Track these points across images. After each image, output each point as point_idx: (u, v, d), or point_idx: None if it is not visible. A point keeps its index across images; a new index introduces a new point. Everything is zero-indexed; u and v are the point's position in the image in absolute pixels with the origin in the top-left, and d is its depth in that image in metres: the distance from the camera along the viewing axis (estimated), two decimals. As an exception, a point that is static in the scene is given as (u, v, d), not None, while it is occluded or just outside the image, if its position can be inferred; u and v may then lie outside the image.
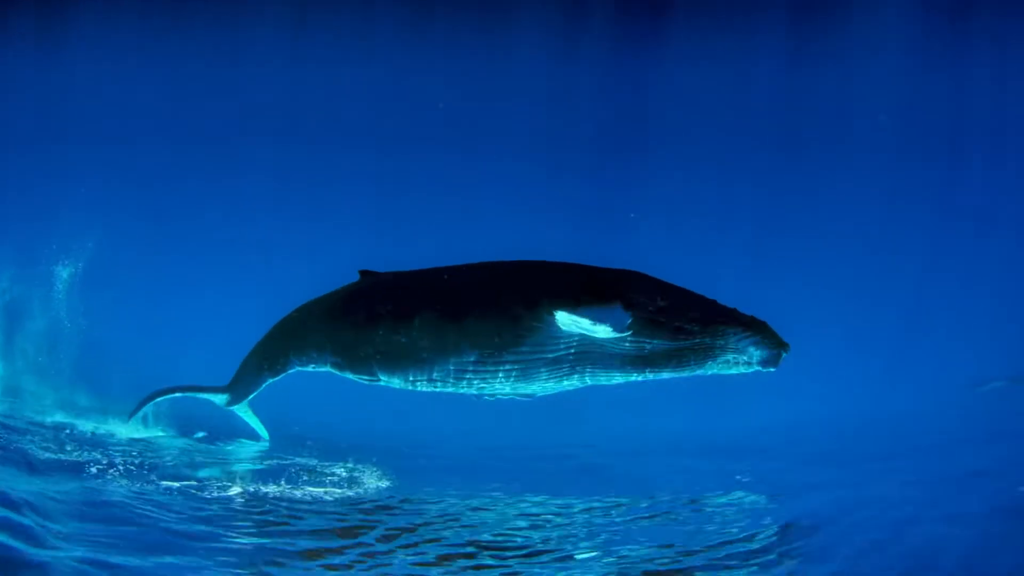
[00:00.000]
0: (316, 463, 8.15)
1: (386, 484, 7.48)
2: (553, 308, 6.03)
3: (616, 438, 11.45)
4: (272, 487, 6.91)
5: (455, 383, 6.45)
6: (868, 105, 17.86)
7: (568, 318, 5.94)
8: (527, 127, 18.27)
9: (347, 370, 6.79)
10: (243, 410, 7.97)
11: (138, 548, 4.82)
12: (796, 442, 10.74)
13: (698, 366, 6.13)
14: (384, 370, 6.56)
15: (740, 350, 6.03)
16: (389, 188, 18.43)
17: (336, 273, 7.29)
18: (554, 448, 10.50)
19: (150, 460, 7.46)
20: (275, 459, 8.28)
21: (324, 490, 7.05)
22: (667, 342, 6.04)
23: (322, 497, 6.76)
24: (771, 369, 6.07)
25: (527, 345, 6.11)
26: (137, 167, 17.94)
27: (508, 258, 6.58)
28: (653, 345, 6.05)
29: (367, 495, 6.97)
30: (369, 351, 6.55)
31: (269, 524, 5.76)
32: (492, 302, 6.20)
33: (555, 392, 6.62)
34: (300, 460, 8.26)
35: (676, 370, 6.15)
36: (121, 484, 6.39)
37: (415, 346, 6.36)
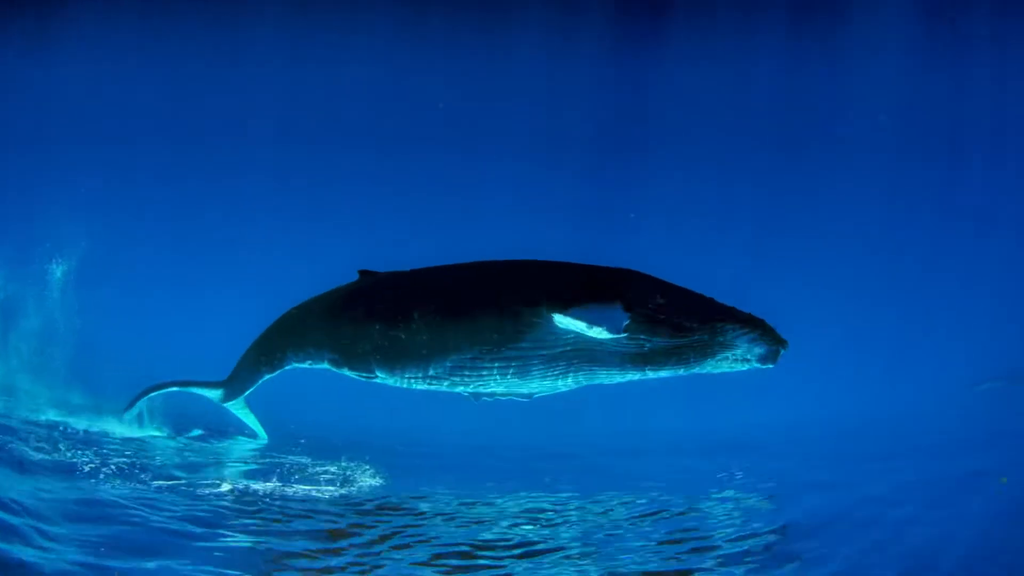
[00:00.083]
0: (310, 462, 8.09)
1: (380, 483, 7.44)
2: (551, 308, 6.00)
3: (615, 437, 11.43)
4: (267, 486, 6.86)
5: (453, 380, 6.42)
6: (867, 105, 17.86)
7: (565, 319, 5.92)
8: (527, 127, 18.26)
9: (344, 367, 6.76)
10: (238, 407, 7.92)
11: (131, 549, 4.77)
12: (795, 442, 10.74)
13: (697, 363, 6.13)
14: (382, 367, 6.53)
15: (739, 347, 6.05)
16: (389, 188, 18.40)
17: (335, 273, 7.27)
18: (552, 447, 10.48)
19: (144, 459, 7.41)
20: (270, 458, 8.23)
21: (318, 489, 7.00)
22: (666, 339, 6.05)
23: (317, 496, 6.71)
24: (769, 366, 6.09)
25: (526, 341, 6.09)
26: (132, 166, 17.89)
27: (508, 258, 6.56)
28: (653, 343, 6.05)
29: (361, 494, 6.93)
30: (367, 347, 6.53)
31: (264, 524, 5.71)
32: (491, 298, 6.18)
33: (553, 393, 6.60)
34: (294, 459, 8.21)
35: (676, 368, 6.16)
36: (115, 484, 6.34)
37: (413, 342, 6.33)
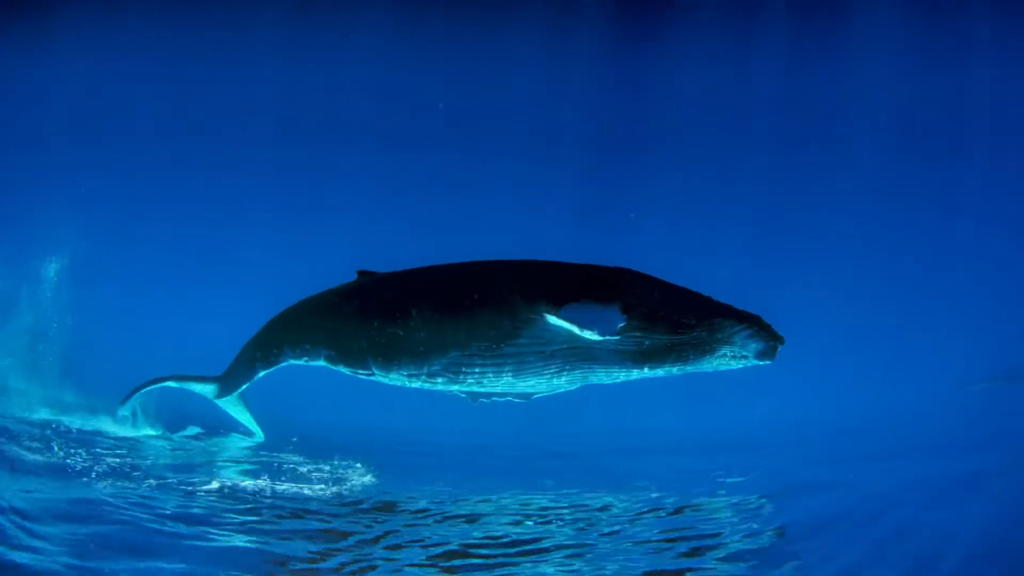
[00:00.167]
0: (305, 461, 8.04)
1: (375, 482, 7.39)
2: (549, 305, 5.99)
3: (613, 436, 11.41)
4: (260, 485, 6.80)
5: (451, 378, 6.40)
6: (867, 105, 17.86)
7: (560, 321, 5.91)
8: (527, 127, 18.23)
9: (341, 363, 6.75)
10: (233, 403, 7.89)
11: (124, 549, 4.72)
12: (794, 441, 10.74)
13: (696, 361, 6.16)
14: (379, 364, 6.52)
15: (737, 343, 6.09)
16: (388, 188, 18.37)
17: (333, 273, 7.26)
18: (550, 446, 10.46)
19: (137, 459, 7.35)
20: (264, 457, 8.19)
21: (310, 487, 6.94)
22: (665, 336, 6.06)
23: (311, 496, 6.66)
24: (767, 362, 6.13)
25: (523, 338, 6.09)
26: (126, 165, 17.82)
27: (507, 258, 6.55)
28: (652, 340, 6.06)
29: (355, 493, 6.87)
30: (363, 344, 6.52)
31: (257, 524, 5.66)
32: (489, 295, 6.17)
33: (552, 393, 6.59)
34: (289, 458, 8.16)
35: (675, 365, 6.18)
36: (107, 483, 6.28)
37: (411, 339, 6.32)
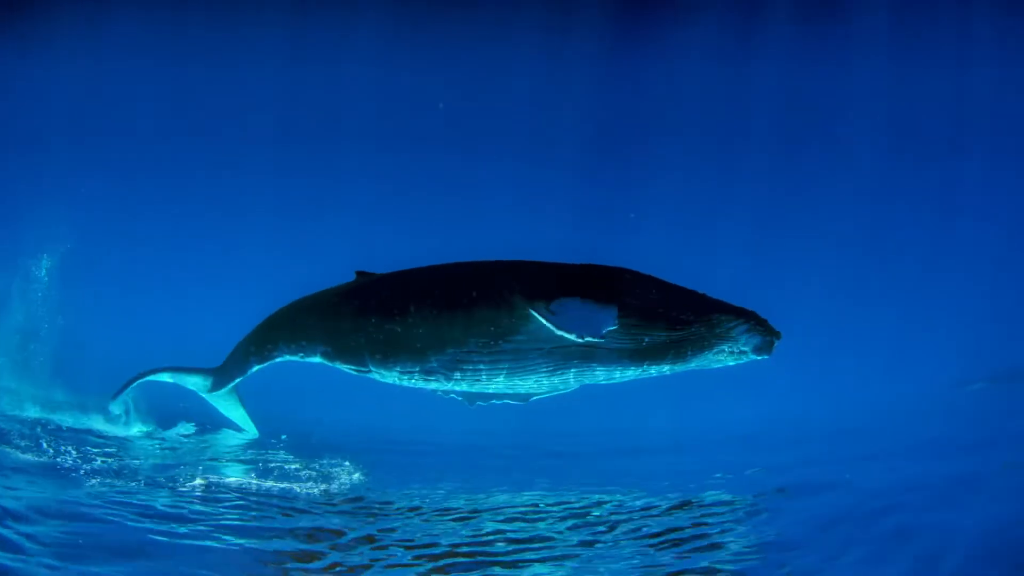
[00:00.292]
0: (295, 460, 7.98)
1: (367, 481, 7.33)
2: (547, 302, 5.99)
3: (611, 435, 11.38)
4: (251, 484, 6.74)
5: (448, 376, 6.37)
6: (865, 105, 17.90)
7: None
8: (526, 126, 18.22)
9: (337, 360, 6.73)
10: (226, 399, 7.91)
11: (113, 551, 4.65)
12: (793, 441, 10.71)
13: (695, 357, 6.21)
14: (376, 360, 6.50)
15: (734, 338, 6.15)
16: (388, 188, 18.35)
17: (331, 274, 7.27)
18: (547, 445, 10.42)
19: (128, 458, 7.28)
20: (256, 455, 8.13)
21: (301, 487, 6.88)
22: (664, 333, 6.10)
23: (301, 494, 6.59)
24: (765, 357, 6.20)
25: (522, 335, 6.07)
26: (120, 164, 17.74)
27: (507, 258, 6.56)
28: (651, 337, 6.09)
29: (346, 492, 6.82)
30: (361, 340, 6.51)
31: (248, 523, 5.60)
32: (489, 291, 6.14)
33: (550, 395, 6.58)
34: (279, 456, 8.10)
35: (674, 363, 6.23)
36: (97, 482, 6.21)
37: (409, 335, 6.31)
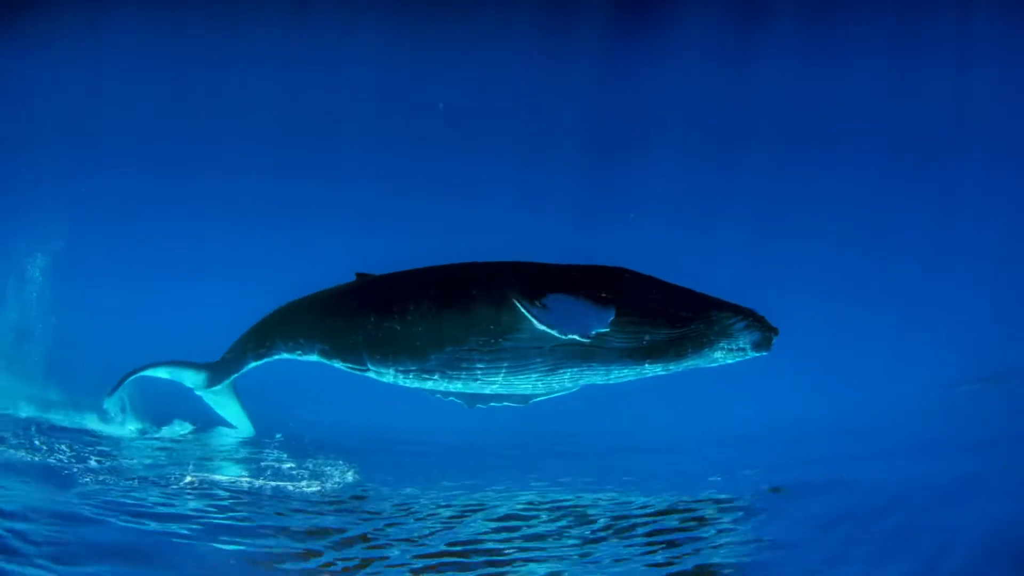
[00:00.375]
0: (290, 459, 7.93)
1: (362, 481, 7.27)
2: (535, 303, 6.00)
3: (608, 435, 11.36)
4: (245, 484, 6.69)
5: (448, 374, 6.35)
6: (863, 105, 17.92)
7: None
8: (526, 126, 18.21)
9: (335, 358, 6.76)
10: (221, 396, 7.96)
11: (106, 552, 4.60)
12: (791, 441, 10.73)
13: (695, 355, 6.25)
14: (374, 359, 6.49)
15: (733, 335, 6.20)
16: (388, 188, 18.33)
17: (330, 275, 7.30)
18: (543, 444, 10.40)
19: (121, 457, 7.23)
20: (249, 455, 8.09)
21: (295, 485, 6.82)
22: (664, 331, 6.14)
23: (295, 494, 6.54)
24: (764, 353, 6.27)
25: (522, 332, 6.06)
26: (116, 163, 17.67)
27: (506, 258, 6.60)
28: (652, 335, 6.12)
29: (340, 492, 6.77)
30: (360, 338, 6.52)
31: (242, 523, 5.56)
32: (490, 290, 6.12)
33: (549, 396, 6.58)
34: (273, 455, 8.05)
35: (674, 361, 6.27)
36: (91, 480, 6.16)
37: (408, 333, 6.31)
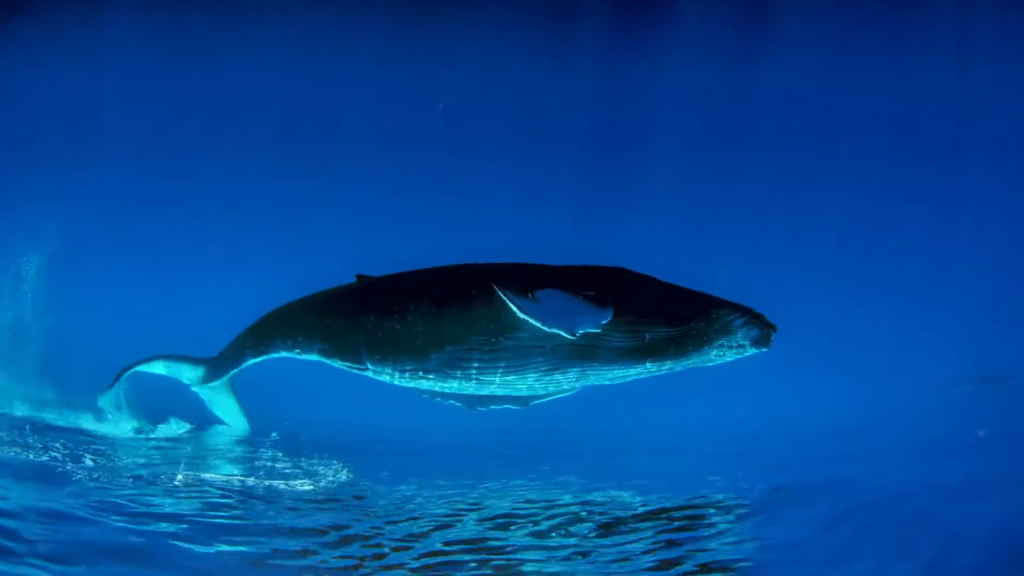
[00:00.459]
0: (284, 458, 7.91)
1: (361, 481, 7.25)
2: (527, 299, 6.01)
3: (606, 435, 11.35)
4: (240, 483, 6.66)
5: (448, 374, 6.34)
6: (865, 105, 17.93)
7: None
8: (526, 126, 18.20)
9: (334, 357, 6.79)
10: (218, 393, 7.95)
11: (102, 552, 4.57)
12: (790, 441, 10.72)
13: (696, 353, 6.27)
14: (374, 358, 6.50)
15: (733, 332, 6.23)
16: (388, 188, 18.32)
17: (328, 276, 7.28)
18: (540, 443, 10.37)
19: (116, 457, 7.19)
20: (243, 454, 8.08)
21: (288, 484, 6.79)
22: (664, 329, 6.16)
23: (290, 493, 6.51)
24: (763, 349, 6.30)
25: (523, 331, 6.05)
26: (113, 162, 17.64)
27: (506, 258, 6.62)
28: (653, 333, 6.14)
29: (334, 491, 6.74)
30: (359, 337, 6.55)
31: (236, 521, 5.53)
32: (490, 289, 6.11)
33: (549, 397, 6.58)
34: (268, 454, 8.02)
35: (675, 359, 6.28)
36: (85, 477, 6.12)
37: (409, 332, 6.32)
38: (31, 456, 6.77)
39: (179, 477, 6.52)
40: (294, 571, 4.72)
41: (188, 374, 7.92)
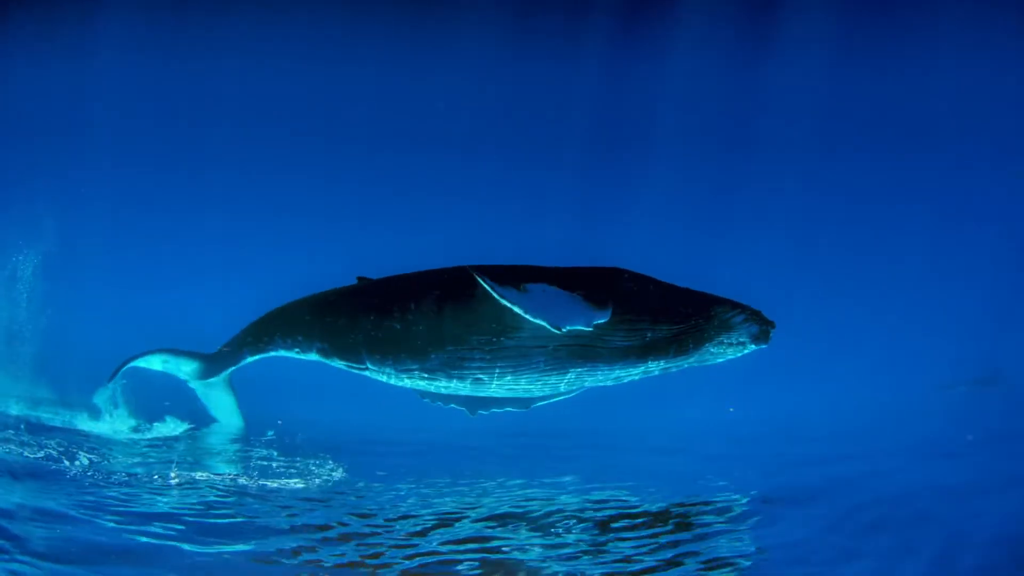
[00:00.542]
0: (280, 457, 7.87)
1: (357, 480, 7.21)
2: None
3: (605, 434, 11.31)
4: (235, 483, 6.62)
5: (448, 374, 6.32)
6: (862, 105, 17.91)
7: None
8: (526, 126, 18.17)
9: (334, 356, 6.78)
10: (216, 388, 7.92)
11: (98, 552, 4.53)
12: (792, 441, 10.68)
13: (696, 351, 6.28)
14: (373, 358, 6.47)
15: (733, 328, 6.26)
16: (388, 188, 18.29)
17: (328, 277, 7.24)
18: (538, 443, 10.33)
19: (111, 457, 7.15)
20: (241, 453, 8.03)
21: (281, 482, 6.76)
22: (665, 327, 6.18)
23: (285, 492, 6.48)
24: (763, 345, 6.33)
25: (525, 331, 6.03)
26: (110, 161, 17.58)
27: (507, 258, 6.63)
28: (655, 331, 6.15)
29: (328, 491, 6.70)
30: (359, 337, 6.54)
31: (233, 520, 5.49)
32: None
33: (550, 399, 6.56)
34: (263, 454, 7.98)
35: (676, 357, 6.29)
36: (80, 474, 6.08)
37: (409, 332, 6.31)
38: (26, 455, 6.73)
39: (174, 476, 6.48)
40: (290, 570, 4.68)
41: (186, 369, 7.91)
